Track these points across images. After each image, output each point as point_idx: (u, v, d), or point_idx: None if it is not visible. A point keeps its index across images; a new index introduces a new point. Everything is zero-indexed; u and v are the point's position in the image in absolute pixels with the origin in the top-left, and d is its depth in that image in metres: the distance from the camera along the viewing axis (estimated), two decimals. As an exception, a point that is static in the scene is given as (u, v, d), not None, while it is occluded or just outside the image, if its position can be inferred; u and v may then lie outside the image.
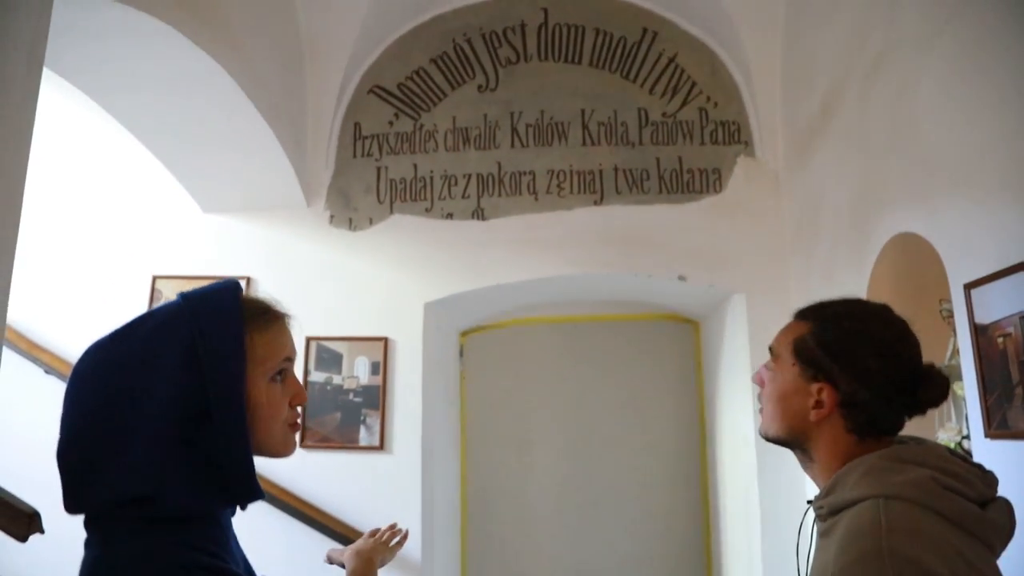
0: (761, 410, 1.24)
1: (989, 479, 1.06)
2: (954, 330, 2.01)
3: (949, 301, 1.97)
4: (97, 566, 0.93)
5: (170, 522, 0.94)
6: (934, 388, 1.12)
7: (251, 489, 0.99)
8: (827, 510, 1.11)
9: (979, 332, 1.76)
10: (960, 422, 2.06)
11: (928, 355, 2.35)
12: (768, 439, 1.23)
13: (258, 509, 2.99)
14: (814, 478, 1.20)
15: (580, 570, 3.76)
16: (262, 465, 3.31)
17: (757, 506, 2.92)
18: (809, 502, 1.23)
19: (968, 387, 1.81)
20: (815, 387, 1.13)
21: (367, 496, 2.98)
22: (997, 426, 1.71)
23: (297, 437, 1.10)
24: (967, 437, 1.89)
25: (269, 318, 1.05)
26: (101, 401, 0.94)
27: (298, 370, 3.07)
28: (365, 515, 2.95)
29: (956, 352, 2.02)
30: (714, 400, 3.58)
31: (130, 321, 1.01)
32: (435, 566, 3.09)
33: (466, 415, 3.90)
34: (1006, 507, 1.05)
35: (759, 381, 1.24)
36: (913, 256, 2.28)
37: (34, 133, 1.56)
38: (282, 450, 1.05)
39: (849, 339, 1.13)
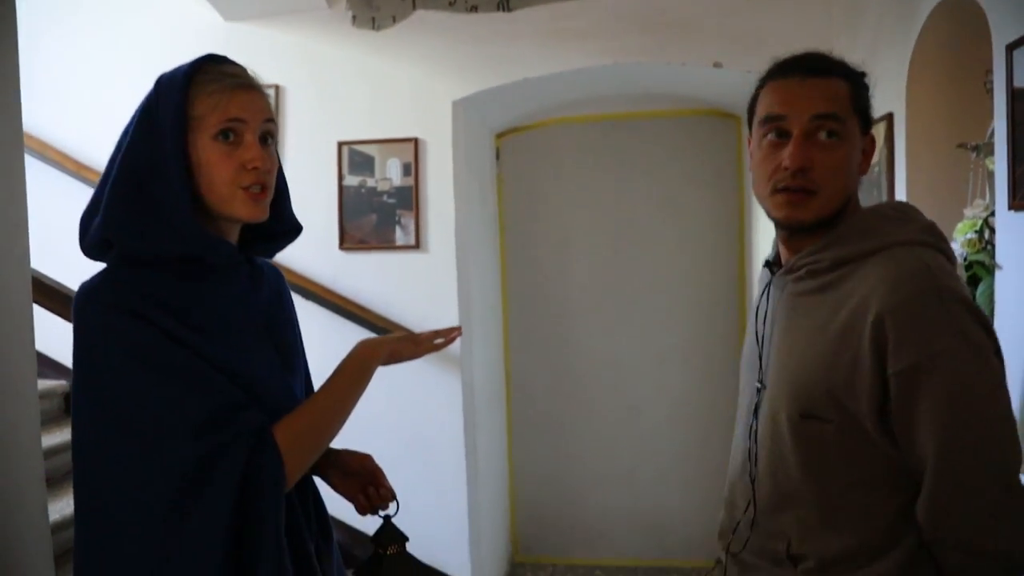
0: (809, 194, 1.11)
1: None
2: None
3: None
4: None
5: (136, 265, 1.07)
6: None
7: (194, 240, 1.07)
8: (830, 263, 1.11)
9: (1016, 97, 1.66)
10: (992, 199, 2.00)
11: (968, 132, 2.25)
12: (821, 222, 1.13)
13: (303, 307, 3.16)
14: (799, 247, 1.17)
15: (618, 363, 3.94)
16: (306, 266, 3.45)
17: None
18: (768, 265, 1.27)
19: (998, 157, 1.74)
20: (866, 140, 1.16)
21: (406, 293, 3.12)
22: (1022, 197, 1.65)
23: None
24: (993, 214, 1.85)
25: (215, 79, 1.08)
26: (103, 172, 1.10)
27: (332, 174, 3.12)
28: (404, 310, 3.10)
29: (998, 129, 1.93)
30: (752, 196, 3.53)
31: None
32: (474, 358, 3.28)
33: (504, 217, 3.96)
34: None
35: (806, 161, 1.10)
36: (960, 27, 2.12)
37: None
38: (230, 208, 1.08)
39: (868, 89, 1.17)
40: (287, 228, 1.22)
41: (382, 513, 1.31)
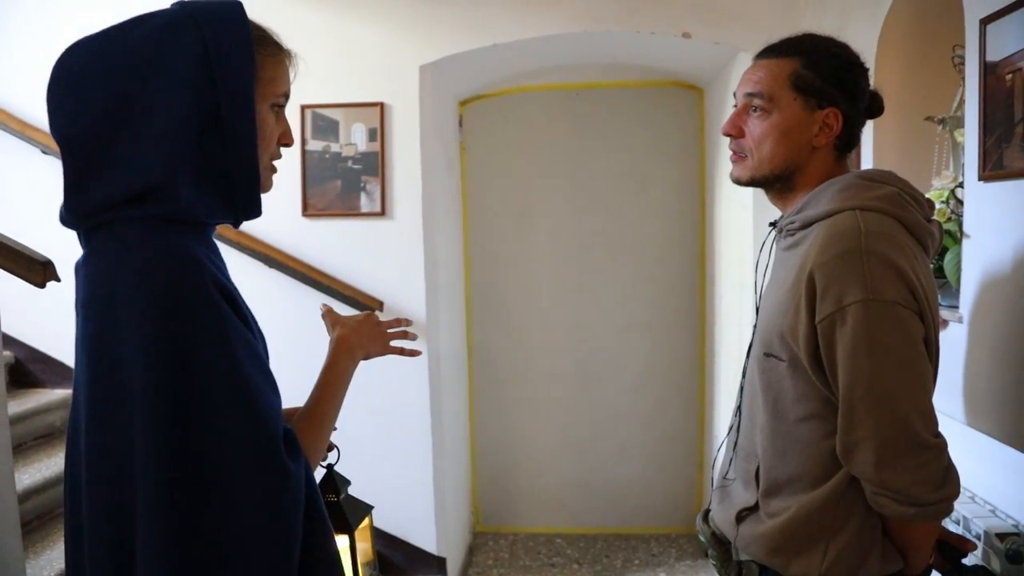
0: (742, 157, 1.33)
1: (931, 204, 1.29)
2: (964, 78, 1.95)
3: (963, 47, 1.90)
4: (116, 268, 0.91)
5: (182, 224, 0.95)
6: (879, 100, 1.33)
7: (254, 202, 1.02)
8: (800, 224, 1.27)
9: (988, 70, 1.70)
10: (957, 170, 2.06)
11: (935, 107, 2.28)
12: (755, 181, 1.33)
13: (267, 276, 3.09)
14: (784, 207, 1.36)
15: (580, 333, 3.96)
16: (267, 234, 3.35)
17: (751, 270, 2.99)
18: (772, 224, 1.41)
19: (969, 129, 1.78)
20: (821, 114, 1.26)
21: (372, 261, 3.07)
22: (992, 167, 1.70)
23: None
24: (960, 185, 1.90)
25: (278, 46, 1.05)
26: (109, 97, 0.92)
27: (295, 139, 3.03)
28: (371, 278, 3.06)
29: (963, 102, 1.98)
30: (715, 167, 3.57)
31: (120, 24, 0.96)
32: (441, 329, 3.25)
33: (467, 185, 3.92)
34: (939, 226, 1.29)
35: (736, 131, 1.32)
36: (927, 3, 2.16)
37: None
38: (263, 181, 1.05)
39: (843, 65, 1.28)
40: None
41: (324, 463, 1.32)
